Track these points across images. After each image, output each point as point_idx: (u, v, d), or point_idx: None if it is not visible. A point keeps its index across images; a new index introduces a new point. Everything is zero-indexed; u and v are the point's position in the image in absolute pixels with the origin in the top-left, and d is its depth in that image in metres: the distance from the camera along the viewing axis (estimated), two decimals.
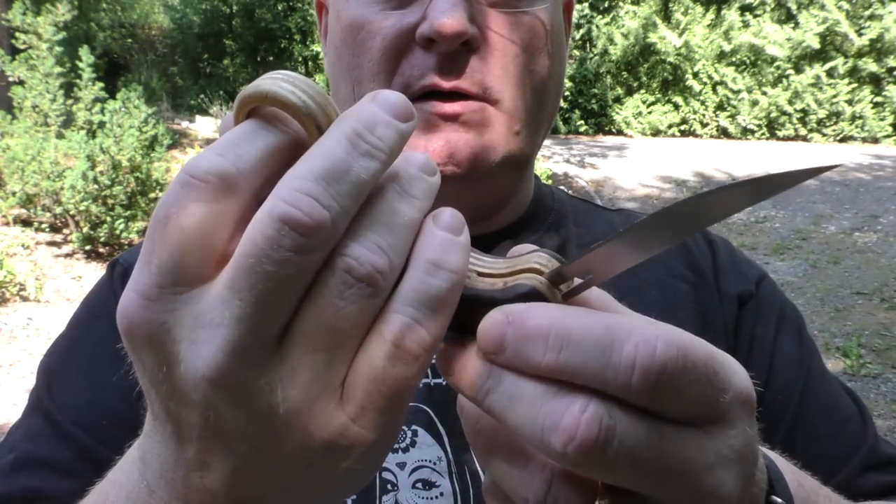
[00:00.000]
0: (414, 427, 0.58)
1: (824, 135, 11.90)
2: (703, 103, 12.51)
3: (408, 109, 0.31)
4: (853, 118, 11.72)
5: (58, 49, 6.55)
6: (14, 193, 6.00)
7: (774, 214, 7.72)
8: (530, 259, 0.32)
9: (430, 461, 0.57)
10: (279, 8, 12.50)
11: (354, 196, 0.27)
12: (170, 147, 7.15)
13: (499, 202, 0.67)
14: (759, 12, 12.45)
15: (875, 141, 11.63)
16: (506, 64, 0.60)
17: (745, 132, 12.24)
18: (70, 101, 6.52)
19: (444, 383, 0.59)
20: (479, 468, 0.57)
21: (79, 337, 0.66)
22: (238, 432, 0.28)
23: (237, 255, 0.27)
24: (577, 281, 0.32)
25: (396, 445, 0.57)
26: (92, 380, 0.62)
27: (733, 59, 12.40)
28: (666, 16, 12.88)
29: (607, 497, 0.30)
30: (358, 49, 0.60)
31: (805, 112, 11.90)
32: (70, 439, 0.59)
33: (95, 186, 5.86)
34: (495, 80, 0.59)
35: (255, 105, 0.30)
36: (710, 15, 12.52)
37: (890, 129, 11.64)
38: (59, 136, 6.29)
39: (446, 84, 0.58)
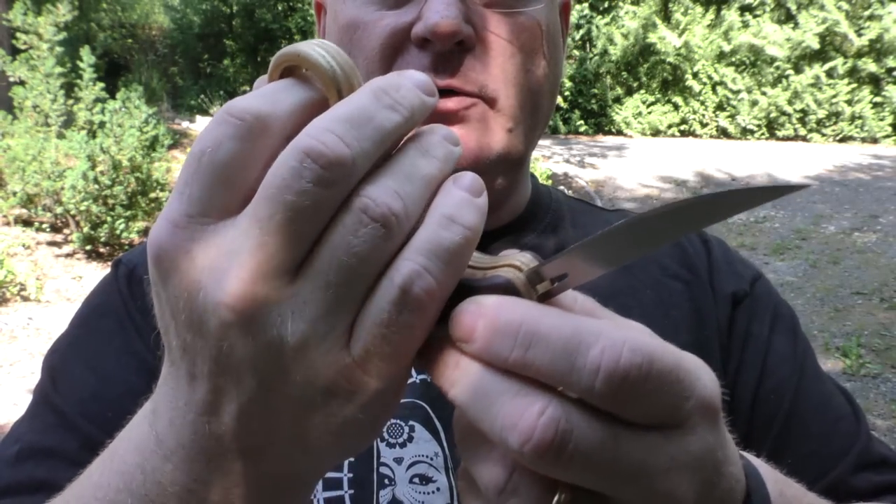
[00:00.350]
0: (411, 422, 0.58)
1: (824, 135, 11.90)
2: (702, 103, 12.51)
3: (431, 86, 0.33)
4: (853, 118, 11.72)
5: (58, 49, 6.55)
6: (15, 193, 6.00)
7: (774, 214, 7.72)
8: (514, 256, 0.33)
9: (426, 456, 0.57)
10: (279, 8, 12.50)
11: (376, 142, 0.29)
12: (170, 147, 7.15)
13: (495, 201, 0.67)
14: (758, 12, 12.45)
15: (874, 141, 11.64)
16: (501, 64, 0.60)
17: (745, 132, 12.25)
18: (71, 102, 6.52)
19: None
20: None
21: (83, 334, 0.66)
22: (247, 365, 0.29)
23: (262, 186, 0.29)
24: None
25: (394, 440, 0.57)
26: (97, 374, 0.62)
27: (733, 60, 12.40)
28: (666, 16, 12.88)
29: (567, 491, 0.30)
30: (354, 48, 0.61)
31: (805, 112, 11.90)
32: (76, 430, 0.59)
33: (96, 186, 5.86)
34: (490, 80, 0.60)
35: (287, 65, 0.32)
36: (710, 15, 12.52)
37: (889, 129, 11.64)
38: (60, 136, 6.29)
39: (441, 83, 0.58)
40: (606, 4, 13.05)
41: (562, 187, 8.21)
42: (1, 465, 0.60)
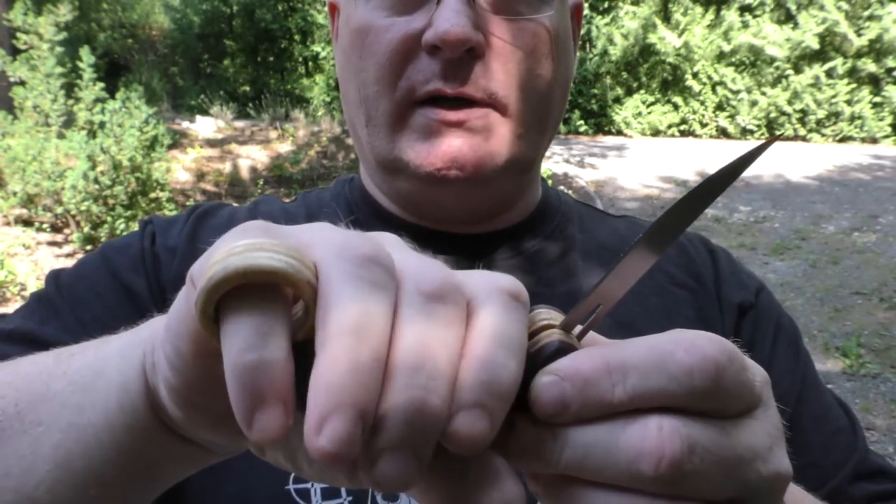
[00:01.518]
0: None
1: (823, 135, 11.91)
2: (702, 103, 12.52)
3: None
4: (852, 118, 11.72)
5: (59, 49, 6.54)
6: (15, 193, 6.01)
7: (774, 214, 7.73)
8: (534, 319, 0.32)
9: None
10: (279, 8, 12.50)
11: None
12: (170, 147, 7.16)
13: (502, 204, 0.67)
14: (758, 13, 12.45)
15: (874, 141, 11.64)
16: (510, 70, 0.60)
17: (745, 132, 12.25)
18: (71, 102, 6.52)
19: None
20: None
21: (99, 262, 0.65)
22: None
23: None
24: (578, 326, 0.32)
25: None
26: (103, 300, 0.62)
27: (733, 60, 12.40)
28: (665, 16, 12.88)
29: None
30: (365, 53, 0.61)
31: (804, 112, 11.90)
32: (73, 334, 0.57)
33: (96, 186, 5.87)
34: (500, 87, 0.60)
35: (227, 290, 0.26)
36: (710, 15, 12.53)
37: (889, 129, 11.65)
38: (60, 136, 6.29)
39: (451, 91, 0.58)
40: (606, 4, 13.05)
41: (562, 187, 8.20)
42: None
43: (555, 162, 9.65)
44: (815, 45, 11.74)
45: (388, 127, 0.61)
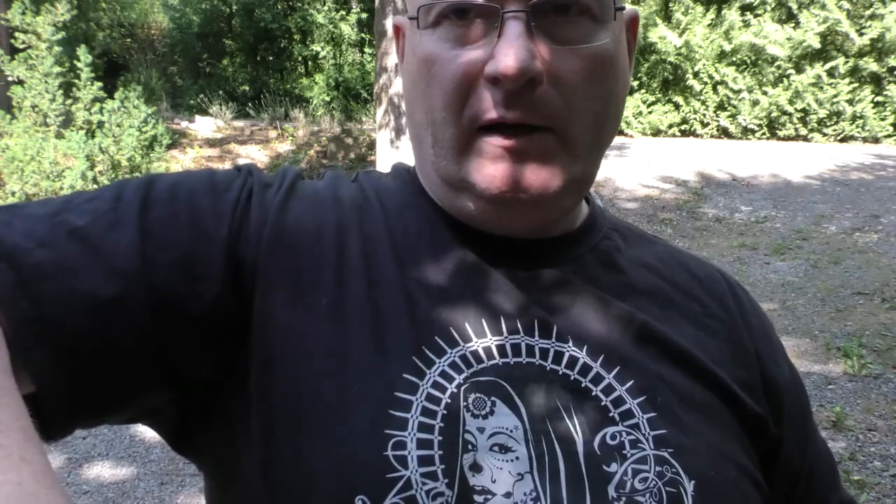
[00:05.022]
0: (493, 398, 0.62)
1: (825, 134, 11.88)
2: (703, 103, 12.49)
3: None
4: (854, 118, 11.69)
5: (57, 49, 6.53)
6: (13, 193, 6.00)
7: (775, 214, 7.71)
8: None
9: (506, 428, 0.61)
10: (279, 7, 12.48)
11: None
12: (169, 147, 7.14)
13: (557, 218, 0.71)
14: (759, 12, 12.43)
15: (876, 141, 11.61)
16: (569, 95, 0.63)
17: (746, 132, 12.22)
18: (69, 101, 6.51)
19: (523, 361, 0.64)
20: (553, 437, 0.61)
21: (192, 191, 0.64)
22: None
23: None
24: None
25: (477, 412, 0.61)
26: (192, 229, 0.61)
27: (734, 59, 12.38)
28: (666, 15, 12.86)
29: None
30: (431, 81, 0.65)
31: (806, 112, 11.87)
32: (147, 262, 0.57)
33: (95, 186, 5.85)
34: (560, 111, 0.63)
35: None
36: (711, 14, 12.50)
37: (891, 128, 11.62)
38: (59, 135, 6.28)
39: (511, 118, 0.62)
40: None
41: None
42: (56, 226, 0.57)
43: None
44: (817, 45, 11.71)
45: (455, 150, 0.65)
